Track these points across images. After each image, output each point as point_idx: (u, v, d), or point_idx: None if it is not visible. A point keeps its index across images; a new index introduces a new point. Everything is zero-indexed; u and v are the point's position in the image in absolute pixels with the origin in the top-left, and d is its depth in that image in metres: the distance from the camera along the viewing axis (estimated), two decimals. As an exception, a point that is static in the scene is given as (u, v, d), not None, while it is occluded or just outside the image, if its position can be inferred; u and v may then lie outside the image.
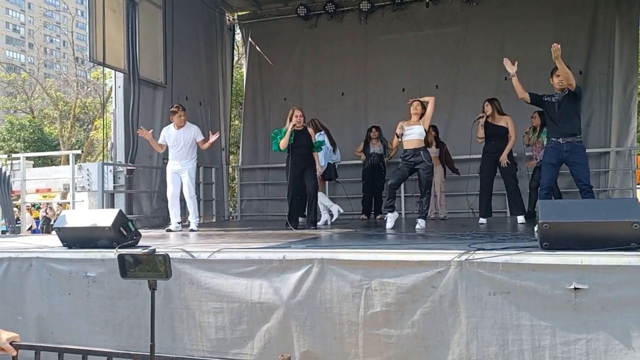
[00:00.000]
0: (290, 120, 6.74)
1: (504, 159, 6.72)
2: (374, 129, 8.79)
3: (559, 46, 5.04)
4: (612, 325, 3.02)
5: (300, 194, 6.80)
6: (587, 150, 8.57)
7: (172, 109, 6.89)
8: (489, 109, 6.84)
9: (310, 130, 6.95)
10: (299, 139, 6.76)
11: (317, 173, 6.99)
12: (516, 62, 5.59)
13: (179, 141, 6.77)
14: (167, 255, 1.95)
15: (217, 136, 6.99)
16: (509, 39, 9.43)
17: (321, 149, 7.18)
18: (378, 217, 8.64)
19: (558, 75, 5.41)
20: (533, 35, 9.25)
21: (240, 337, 3.65)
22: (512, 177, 6.85)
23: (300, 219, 7.33)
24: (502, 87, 9.26)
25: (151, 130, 6.87)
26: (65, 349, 2.40)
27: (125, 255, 2.00)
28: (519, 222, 6.64)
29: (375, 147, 8.76)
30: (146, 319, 3.73)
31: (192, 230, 6.68)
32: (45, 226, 13.85)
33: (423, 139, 6.35)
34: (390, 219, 6.29)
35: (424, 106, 6.39)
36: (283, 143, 6.69)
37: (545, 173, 5.43)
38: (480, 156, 7.09)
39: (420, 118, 6.35)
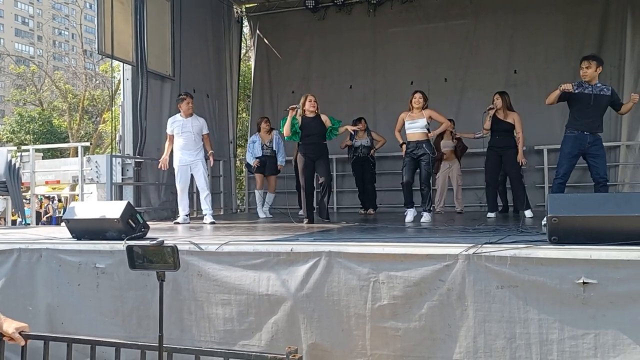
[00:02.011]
0: (303, 107, 6.50)
1: (521, 157, 6.72)
2: (363, 121, 8.46)
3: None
4: (621, 320, 3.00)
5: (312, 186, 6.61)
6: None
7: (181, 97, 6.92)
8: (499, 102, 6.78)
9: (323, 117, 6.52)
10: (310, 127, 6.43)
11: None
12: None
13: (186, 128, 6.76)
14: (175, 246, 1.96)
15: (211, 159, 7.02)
16: (519, 31, 9.36)
17: (336, 134, 6.73)
18: (368, 211, 8.48)
19: (581, 68, 5.34)
20: (543, 27, 9.18)
21: (248, 328, 3.67)
22: (517, 171, 6.85)
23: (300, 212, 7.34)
24: (511, 80, 9.23)
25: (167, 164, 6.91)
26: (74, 339, 2.42)
27: (134, 247, 2.01)
28: (526, 216, 6.62)
29: (362, 140, 8.47)
30: (155, 309, 3.76)
31: (212, 223, 6.62)
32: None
33: (426, 132, 6.36)
34: (410, 214, 6.37)
35: (425, 98, 6.43)
36: (285, 130, 6.43)
37: (563, 163, 5.32)
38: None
39: (423, 109, 6.36)
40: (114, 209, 4.43)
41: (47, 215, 14.99)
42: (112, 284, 3.97)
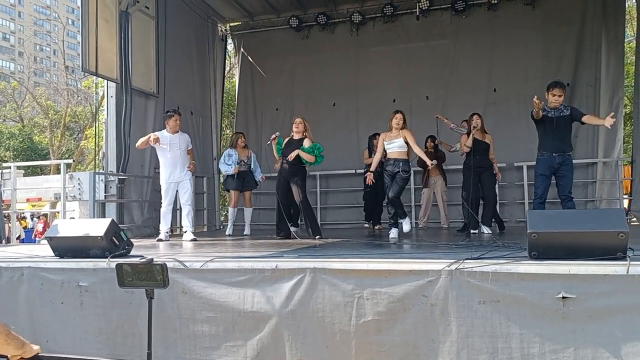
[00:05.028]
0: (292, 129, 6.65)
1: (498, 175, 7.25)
2: (378, 137, 8.59)
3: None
4: (600, 333, 3.07)
5: (287, 203, 6.71)
6: (575, 161, 8.75)
7: (169, 113, 6.94)
8: (479, 122, 6.93)
9: (306, 141, 6.64)
10: (290, 148, 6.59)
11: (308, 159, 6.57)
12: None
13: (175, 145, 6.77)
14: (165, 264, 1.98)
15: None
16: (498, 51, 9.58)
17: (319, 159, 6.72)
18: (376, 227, 8.50)
19: (554, 95, 5.64)
20: (522, 47, 9.41)
21: (233, 346, 3.67)
22: (493, 192, 7.11)
23: (293, 228, 7.33)
24: (491, 99, 9.42)
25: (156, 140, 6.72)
26: (62, 358, 2.40)
27: (123, 265, 2.02)
28: (484, 232, 6.82)
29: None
30: (139, 327, 3.74)
31: (194, 240, 6.62)
32: None
33: (404, 151, 6.39)
34: (406, 224, 6.33)
35: (405, 119, 6.47)
36: (274, 157, 6.68)
37: (539, 184, 5.67)
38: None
39: (401, 129, 6.38)
40: (98, 227, 4.41)
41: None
42: (96, 302, 3.95)
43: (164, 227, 6.82)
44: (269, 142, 6.82)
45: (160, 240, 6.71)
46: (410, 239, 6.15)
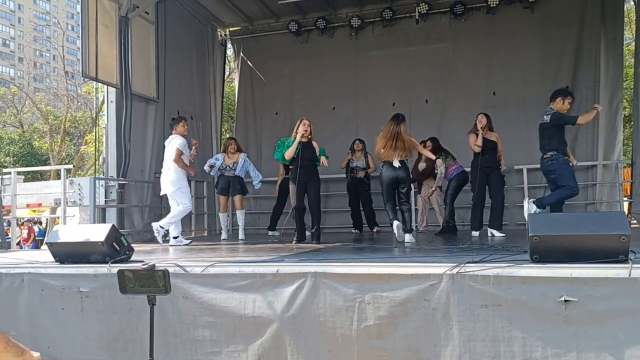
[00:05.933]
0: (296, 130, 6.59)
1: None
2: (357, 142, 8.59)
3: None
4: (602, 337, 3.06)
5: (302, 208, 6.72)
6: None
7: (177, 118, 7.10)
8: (484, 120, 6.92)
9: (314, 143, 6.69)
10: (304, 152, 6.56)
11: (324, 164, 6.66)
12: None
13: (186, 150, 6.96)
14: (167, 270, 1.98)
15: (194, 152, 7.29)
16: (497, 54, 9.59)
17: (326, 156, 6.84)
18: (374, 230, 8.53)
19: (571, 102, 5.90)
20: (521, 50, 9.42)
21: (234, 351, 3.66)
22: (502, 193, 7.00)
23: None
24: (490, 102, 9.41)
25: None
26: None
27: (125, 271, 2.02)
28: (495, 235, 6.76)
29: (358, 161, 8.54)
30: (140, 333, 3.74)
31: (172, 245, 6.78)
32: None
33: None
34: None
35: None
36: (289, 153, 6.49)
37: (574, 180, 5.84)
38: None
39: None
40: (98, 232, 4.40)
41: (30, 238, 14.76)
42: (97, 307, 3.94)
43: (177, 231, 6.95)
44: (303, 136, 6.58)
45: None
46: (411, 242, 6.13)
